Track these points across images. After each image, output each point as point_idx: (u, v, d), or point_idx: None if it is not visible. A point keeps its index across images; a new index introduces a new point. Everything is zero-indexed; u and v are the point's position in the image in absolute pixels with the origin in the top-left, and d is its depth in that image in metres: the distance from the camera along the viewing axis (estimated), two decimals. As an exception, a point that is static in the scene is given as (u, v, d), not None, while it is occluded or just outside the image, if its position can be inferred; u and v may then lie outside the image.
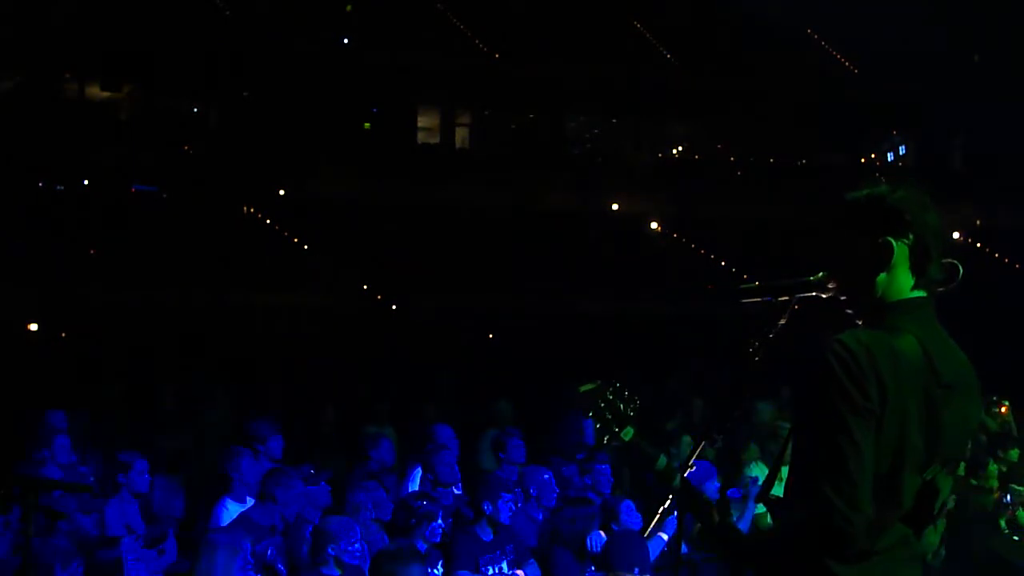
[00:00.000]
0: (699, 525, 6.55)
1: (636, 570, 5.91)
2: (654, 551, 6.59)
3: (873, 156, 31.43)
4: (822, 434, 2.50)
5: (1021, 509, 7.51)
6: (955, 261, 2.67)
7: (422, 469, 7.59)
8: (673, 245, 26.28)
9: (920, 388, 2.53)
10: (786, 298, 2.82)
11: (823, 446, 2.48)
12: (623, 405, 3.81)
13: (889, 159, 31.76)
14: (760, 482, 7.27)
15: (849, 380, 2.47)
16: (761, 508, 7.19)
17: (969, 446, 9.42)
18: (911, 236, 2.64)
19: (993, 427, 10.19)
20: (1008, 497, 7.85)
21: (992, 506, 7.79)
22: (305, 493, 6.64)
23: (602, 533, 6.58)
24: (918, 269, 2.65)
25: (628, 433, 6.21)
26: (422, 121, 28.28)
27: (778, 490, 3.19)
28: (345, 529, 5.73)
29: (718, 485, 7.13)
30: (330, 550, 5.67)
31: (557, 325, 20.58)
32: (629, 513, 6.78)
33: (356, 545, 5.75)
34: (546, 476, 7.24)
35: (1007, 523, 7.42)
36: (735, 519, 7.21)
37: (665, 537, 6.48)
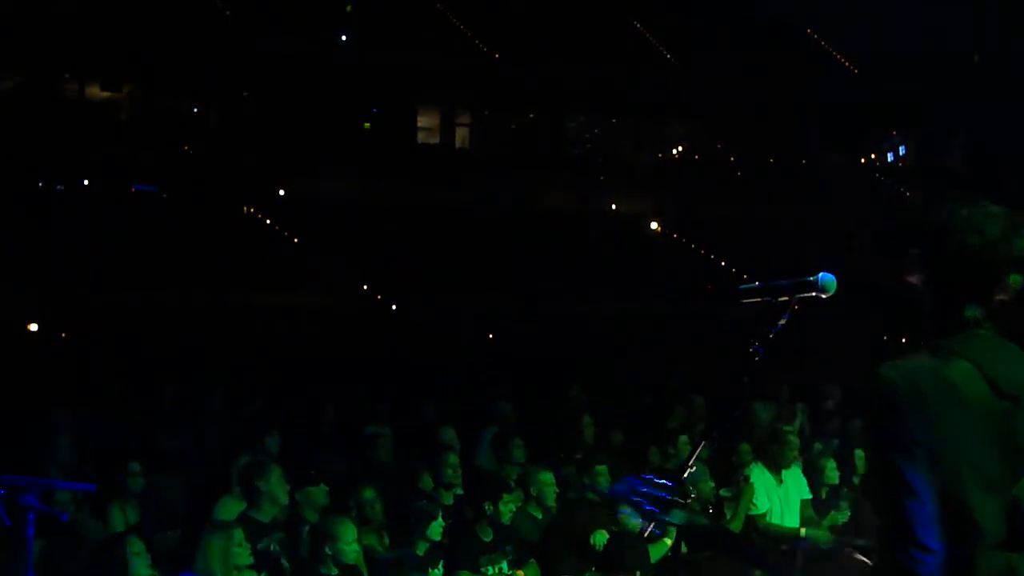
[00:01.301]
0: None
1: (637, 572, 5.91)
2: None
3: (873, 156, 31.43)
4: (875, 475, 2.47)
5: None
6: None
7: (425, 470, 7.59)
8: (673, 245, 26.28)
9: (979, 408, 2.41)
10: (786, 298, 2.81)
11: (879, 488, 2.43)
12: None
13: (889, 159, 31.77)
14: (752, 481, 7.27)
15: (890, 415, 2.40)
16: (759, 509, 7.19)
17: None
18: (956, 260, 2.51)
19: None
20: None
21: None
22: (304, 493, 6.63)
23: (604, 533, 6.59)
24: (965, 294, 2.53)
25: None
26: (422, 121, 28.28)
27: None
28: (343, 529, 5.73)
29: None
30: (328, 550, 5.67)
31: (557, 325, 20.58)
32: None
33: (354, 545, 5.75)
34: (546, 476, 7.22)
35: None
36: (728, 519, 7.21)
37: (669, 542, 6.46)
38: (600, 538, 6.52)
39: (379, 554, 6.40)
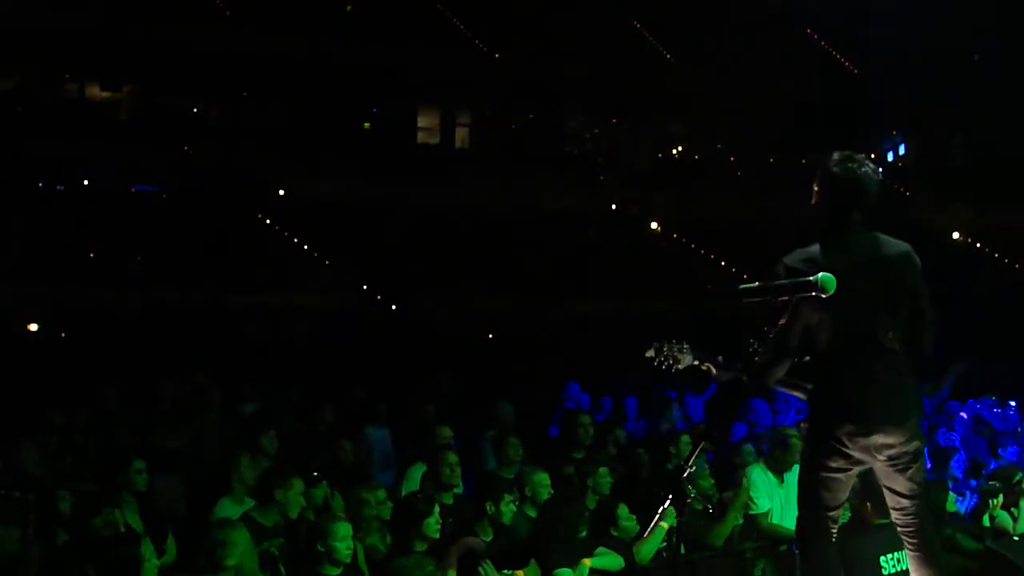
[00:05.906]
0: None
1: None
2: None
3: (873, 156, 31.36)
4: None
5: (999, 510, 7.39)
6: None
7: (423, 469, 7.58)
8: (673, 245, 26.27)
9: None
10: (786, 298, 2.81)
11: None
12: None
13: (889, 159, 31.75)
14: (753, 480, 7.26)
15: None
16: (760, 509, 7.17)
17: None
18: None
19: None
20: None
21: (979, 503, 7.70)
22: (304, 493, 6.63)
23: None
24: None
25: None
26: (422, 121, 28.26)
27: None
28: (336, 527, 5.73)
29: None
30: (320, 547, 5.67)
31: (557, 325, 20.57)
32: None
33: (347, 542, 5.75)
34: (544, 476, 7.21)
35: (989, 522, 7.34)
36: (730, 518, 7.18)
37: (666, 525, 6.43)
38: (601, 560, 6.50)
39: (380, 554, 6.40)
